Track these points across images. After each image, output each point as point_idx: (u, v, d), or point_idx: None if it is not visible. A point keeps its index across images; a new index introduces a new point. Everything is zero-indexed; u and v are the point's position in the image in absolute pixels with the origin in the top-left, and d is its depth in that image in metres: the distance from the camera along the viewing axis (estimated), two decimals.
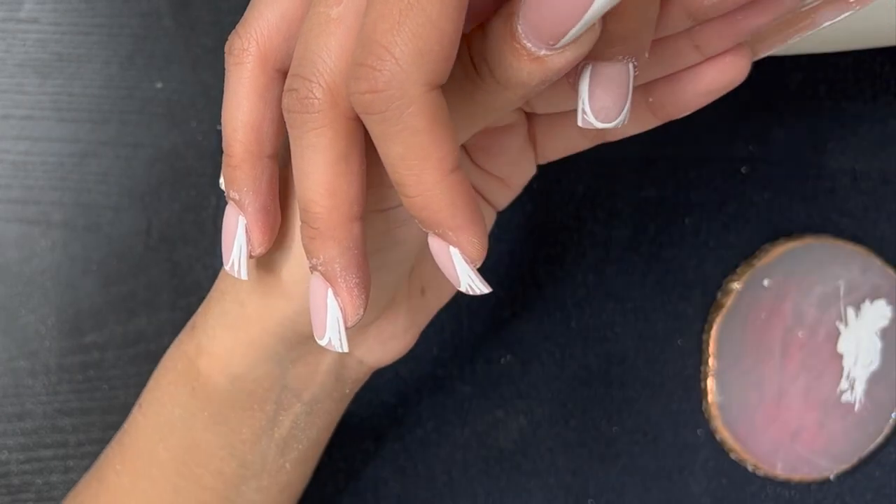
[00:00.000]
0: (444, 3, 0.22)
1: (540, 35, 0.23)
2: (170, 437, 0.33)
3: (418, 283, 0.34)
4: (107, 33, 0.43)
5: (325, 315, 0.27)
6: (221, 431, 0.33)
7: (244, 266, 0.29)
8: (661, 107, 0.31)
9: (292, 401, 0.33)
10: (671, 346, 0.42)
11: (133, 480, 0.34)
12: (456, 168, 0.24)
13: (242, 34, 0.27)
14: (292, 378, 0.33)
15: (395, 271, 0.31)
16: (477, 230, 0.24)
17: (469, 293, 0.26)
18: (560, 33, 0.22)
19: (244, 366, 0.32)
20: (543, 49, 0.23)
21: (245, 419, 0.33)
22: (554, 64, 0.23)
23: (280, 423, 0.33)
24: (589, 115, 0.26)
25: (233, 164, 0.28)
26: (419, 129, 0.23)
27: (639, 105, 0.31)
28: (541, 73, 0.23)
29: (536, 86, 0.24)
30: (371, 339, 0.33)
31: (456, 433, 0.39)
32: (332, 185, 0.25)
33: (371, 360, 0.34)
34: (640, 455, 0.42)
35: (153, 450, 0.34)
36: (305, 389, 0.33)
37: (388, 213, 0.29)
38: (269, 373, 0.32)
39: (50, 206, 0.42)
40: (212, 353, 0.33)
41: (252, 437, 0.33)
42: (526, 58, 0.23)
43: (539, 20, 0.22)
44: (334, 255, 0.26)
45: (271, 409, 0.33)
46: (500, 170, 0.34)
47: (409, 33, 0.22)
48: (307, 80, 0.24)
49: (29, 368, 0.42)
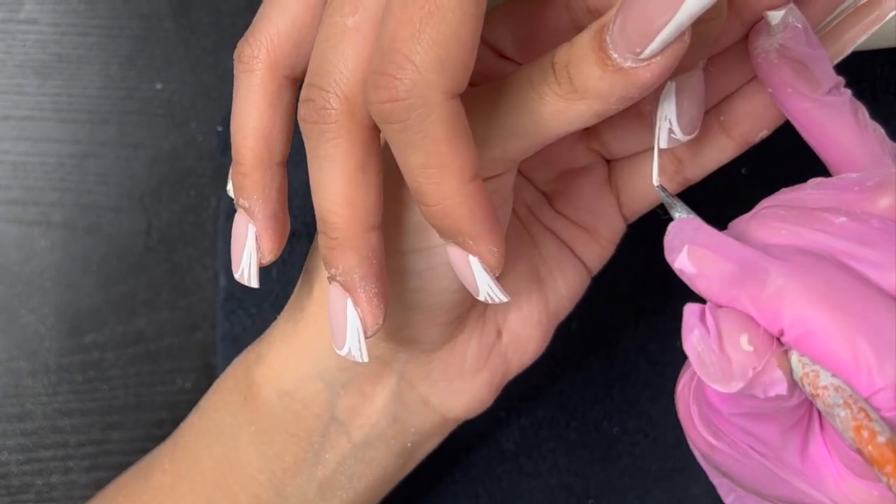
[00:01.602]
0: (464, 12, 0.22)
1: (627, 43, 0.22)
2: (216, 443, 0.33)
3: (493, 322, 0.33)
4: (107, 34, 0.43)
5: (345, 324, 0.27)
6: (264, 452, 0.32)
7: (254, 274, 0.29)
8: (735, 123, 0.30)
9: (341, 438, 0.32)
10: (672, 346, 0.42)
11: (174, 481, 0.34)
12: (475, 177, 0.23)
13: (252, 41, 0.27)
14: (343, 409, 0.32)
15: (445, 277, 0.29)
16: (496, 239, 0.24)
17: (489, 302, 0.26)
18: (648, 38, 0.22)
19: (293, 380, 0.32)
20: (630, 60, 0.23)
21: (289, 445, 0.32)
22: (639, 77, 0.23)
23: (325, 462, 0.33)
24: (676, 132, 0.26)
25: (242, 172, 0.28)
26: (440, 138, 0.23)
27: (711, 129, 0.31)
28: (621, 87, 0.23)
29: (615, 102, 0.24)
30: (436, 373, 0.32)
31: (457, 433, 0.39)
32: (349, 195, 0.25)
33: (436, 400, 0.33)
34: (641, 456, 0.42)
35: (199, 454, 0.33)
36: (357, 427, 0.32)
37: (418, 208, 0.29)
38: (319, 394, 0.32)
39: (50, 207, 0.42)
40: (267, 363, 0.32)
41: (293, 468, 0.32)
42: (610, 68, 0.23)
43: (628, 26, 0.22)
44: (353, 265, 0.26)
45: (317, 442, 0.32)
46: (581, 217, 0.33)
47: (429, 41, 0.22)
48: (323, 91, 0.24)
49: (29, 368, 0.42)
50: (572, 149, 0.32)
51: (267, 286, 0.41)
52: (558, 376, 0.42)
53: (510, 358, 0.33)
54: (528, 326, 0.33)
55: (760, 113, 0.30)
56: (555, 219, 0.33)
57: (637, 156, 0.33)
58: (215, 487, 0.33)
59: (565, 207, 0.33)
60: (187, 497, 0.33)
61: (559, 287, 0.34)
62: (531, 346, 0.33)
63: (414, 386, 0.33)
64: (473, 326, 0.32)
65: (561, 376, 0.42)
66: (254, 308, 0.41)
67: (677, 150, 0.32)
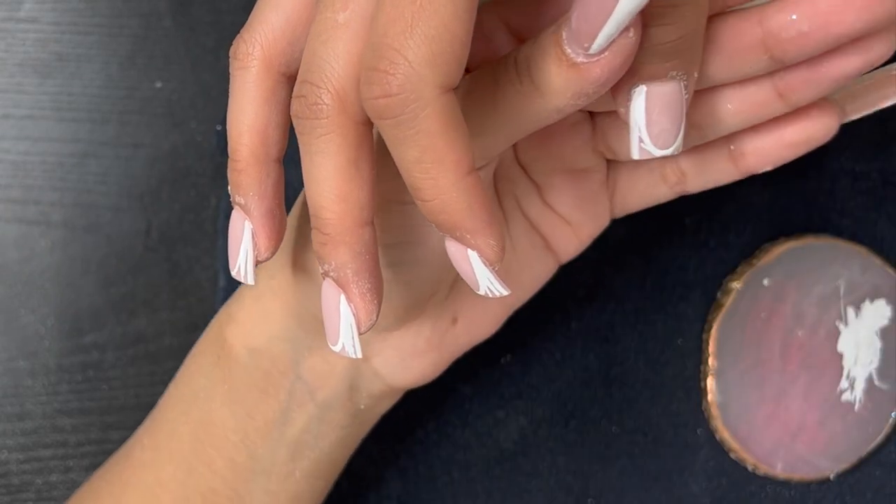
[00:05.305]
0: (455, 6, 0.22)
1: (578, 38, 0.23)
2: (191, 408, 0.34)
3: (451, 310, 0.34)
4: (107, 33, 0.43)
5: (339, 320, 0.27)
6: (237, 412, 0.33)
7: (251, 271, 0.29)
8: (742, 156, 0.31)
9: (305, 398, 0.33)
10: (671, 346, 0.42)
11: (153, 456, 0.34)
12: (472, 170, 0.23)
13: (247, 38, 0.27)
14: (307, 369, 0.33)
15: (416, 271, 0.31)
16: (494, 232, 0.24)
17: (489, 296, 0.26)
18: (592, 34, 0.22)
19: (262, 338, 0.33)
20: (581, 56, 0.23)
21: (260, 404, 0.33)
22: (590, 73, 0.23)
23: (292, 420, 0.33)
24: (646, 142, 0.26)
25: (238, 169, 0.28)
26: (434, 132, 0.23)
27: (720, 154, 0.31)
28: (577, 82, 0.23)
29: (573, 97, 0.24)
30: (389, 350, 0.33)
31: (456, 433, 0.39)
32: (342, 190, 0.25)
33: (386, 372, 0.34)
34: (640, 455, 0.42)
35: (175, 422, 0.34)
36: (319, 388, 0.33)
37: (405, 208, 0.29)
38: (285, 353, 0.33)
39: (50, 207, 0.42)
40: (237, 321, 0.33)
41: (264, 427, 0.33)
42: (565, 64, 0.23)
43: (576, 22, 0.22)
44: (346, 261, 0.26)
45: (284, 400, 0.33)
46: (570, 213, 0.33)
47: (421, 36, 0.22)
48: (315, 86, 0.24)
49: (29, 368, 0.42)
50: (579, 150, 0.32)
51: None
52: (558, 376, 0.42)
53: (461, 341, 0.34)
54: (484, 315, 0.34)
55: (772, 152, 0.30)
56: (540, 210, 0.33)
57: (642, 161, 0.33)
58: (192, 454, 0.34)
59: (556, 201, 0.33)
60: (166, 467, 0.34)
61: (524, 280, 0.34)
62: (483, 330, 0.34)
63: (369, 359, 0.33)
64: (431, 312, 0.33)
65: (560, 376, 0.42)
66: None
67: (682, 162, 0.32)
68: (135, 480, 0.34)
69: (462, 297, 0.34)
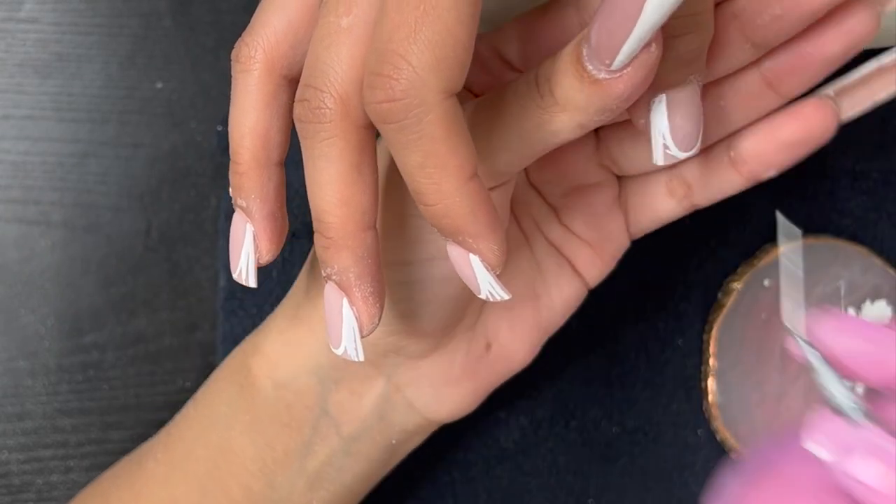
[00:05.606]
0: (459, 11, 0.22)
1: (598, 55, 0.23)
2: (210, 433, 0.33)
3: (483, 336, 0.33)
4: (107, 33, 0.43)
5: (341, 324, 0.27)
6: (257, 442, 0.33)
7: (252, 274, 0.29)
8: (744, 161, 0.31)
9: (330, 431, 0.33)
10: (671, 346, 0.42)
11: (168, 472, 0.34)
12: (474, 175, 0.23)
13: (249, 41, 0.27)
14: (334, 403, 0.33)
15: (439, 289, 0.30)
16: (496, 237, 0.24)
17: (490, 300, 0.26)
18: (614, 50, 0.22)
19: (288, 372, 0.32)
20: (603, 72, 0.23)
21: (281, 435, 0.33)
22: (613, 89, 0.23)
23: (314, 453, 0.33)
24: (671, 147, 0.26)
25: (240, 172, 0.28)
26: (437, 137, 0.23)
27: (721, 162, 0.31)
28: (600, 99, 0.23)
29: (596, 113, 0.24)
30: (422, 379, 0.33)
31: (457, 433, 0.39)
32: (344, 194, 0.25)
33: (420, 404, 0.33)
34: (640, 455, 0.42)
35: (193, 444, 0.34)
36: (346, 423, 0.33)
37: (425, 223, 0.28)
38: (311, 388, 0.32)
39: (50, 207, 0.42)
40: (263, 353, 0.33)
41: (284, 458, 0.33)
42: (587, 80, 0.23)
43: (597, 38, 0.22)
44: (348, 265, 0.26)
45: (307, 433, 0.33)
46: (588, 233, 0.33)
47: (425, 41, 0.22)
48: (318, 91, 0.24)
49: (29, 368, 0.42)
50: (585, 165, 0.32)
51: (267, 287, 0.41)
52: (558, 376, 0.42)
53: (497, 369, 0.34)
54: (518, 340, 0.34)
55: (770, 154, 0.30)
56: (561, 233, 0.34)
57: (647, 175, 0.33)
58: (208, 477, 0.33)
59: (573, 222, 0.34)
60: (180, 486, 0.34)
61: (554, 303, 0.34)
62: (519, 357, 0.34)
63: (400, 389, 0.33)
64: (462, 337, 0.33)
65: (561, 376, 0.42)
66: (254, 308, 0.41)
67: (687, 174, 0.32)
68: (146, 493, 0.34)
69: (495, 323, 0.33)
